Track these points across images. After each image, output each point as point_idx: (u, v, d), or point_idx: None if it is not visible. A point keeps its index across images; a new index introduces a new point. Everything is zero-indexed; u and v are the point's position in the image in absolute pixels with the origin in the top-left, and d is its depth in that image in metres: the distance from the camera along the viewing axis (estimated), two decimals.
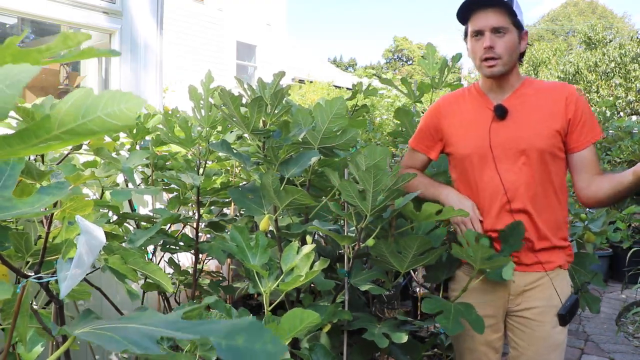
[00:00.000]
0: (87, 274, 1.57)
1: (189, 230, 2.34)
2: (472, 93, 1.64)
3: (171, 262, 2.11)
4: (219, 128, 1.86)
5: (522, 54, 1.59)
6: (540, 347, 1.55)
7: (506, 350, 1.67)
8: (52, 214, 0.97)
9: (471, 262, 1.46)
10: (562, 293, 1.56)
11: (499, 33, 1.48)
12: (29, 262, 1.07)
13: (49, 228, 0.93)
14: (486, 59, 1.50)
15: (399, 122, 2.20)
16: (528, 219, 1.53)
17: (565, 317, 1.54)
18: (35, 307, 1.55)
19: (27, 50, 0.38)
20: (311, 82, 13.57)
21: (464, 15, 1.55)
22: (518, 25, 1.51)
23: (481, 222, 1.54)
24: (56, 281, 0.73)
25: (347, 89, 14.57)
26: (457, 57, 2.19)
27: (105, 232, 1.51)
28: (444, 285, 1.73)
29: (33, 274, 0.93)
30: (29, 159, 1.68)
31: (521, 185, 1.52)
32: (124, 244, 1.62)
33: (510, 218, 1.53)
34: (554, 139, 1.51)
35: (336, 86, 15.46)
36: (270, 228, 1.59)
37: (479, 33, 1.51)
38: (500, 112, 1.53)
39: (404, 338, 1.52)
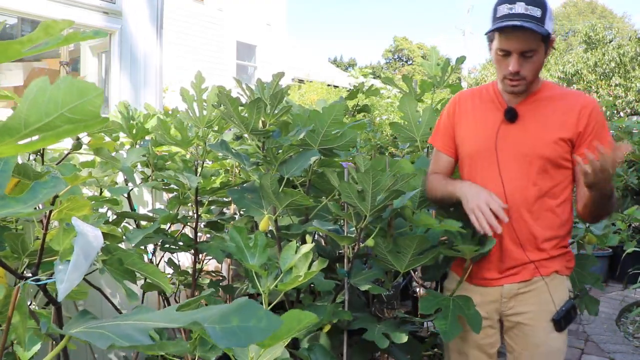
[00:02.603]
0: (87, 274, 1.57)
1: (188, 230, 2.33)
2: (489, 92, 1.60)
3: (170, 262, 2.11)
4: (216, 127, 1.86)
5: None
6: (535, 353, 1.51)
7: (503, 350, 1.66)
8: (50, 215, 0.97)
9: (461, 255, 1.48)
10: (558, 298, 1.51)
11: (527, 55, 1.41)
12: (25, 262, 1.06)
13: (46, 229, 0.93)
14: (511, 79, 1.45)
15: (402, 114, 2.10)
16: (525, 225, 1.50)
17: (560, 322, 1.50)
18: (34, 307, 1.55)
19: (8, 43, 0.37)
20: (311, 82, 13.56)
21: (492, 29, 1.45)
22: (546, 38, 1.42)
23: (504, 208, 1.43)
24: (54, 283, 0.73)
25: (348, 90, 14.55)
26: (462, 60, 2.20)
27: (104, 233, 1.51)
28: (440, 285, 1.74)
29: (30, 275, 0.93)
30: (29, 159, 1.67)
31: (521, 190, 1.49)
32: (122, 244, 1.62)
33: (508, 227, 1.49)
34: (560, 149, 1.47)
35: (336, 86, 15.44)
36: (270, 228, 1.59)
37: (506, 53, 1.43)
38: (510, 115, 1.51)
39: (404, 338, 1.52)
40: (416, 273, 2.38)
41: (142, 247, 1.80)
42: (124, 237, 1.63)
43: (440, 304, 1.49)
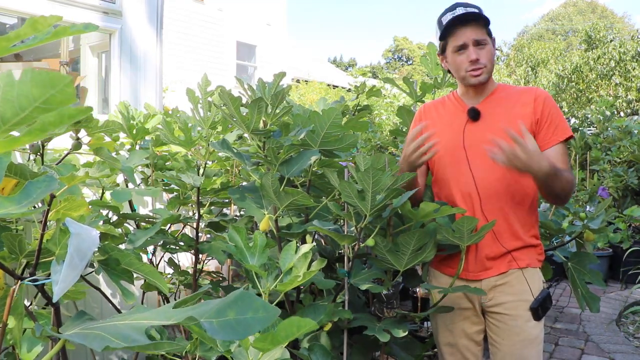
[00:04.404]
0: (87, 275, 1.57)
1: (188, 230, 2.33)
2: (451, 100, 1.74)
3: (171, 262, 2.11)
4: (219, 128, 1.86)
5: None
6: (515, 342, 1.59)
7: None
8: (47, 215, 0.97)
9: (458, 240, 1.50)
10: (534, 288, 1.61)
11: (480, 45, 1.57)
12: (24, 263, 1.06)
13: (43, 229, 0.93)
14: (473, 70, 1.58)
15: (400, 120, 2.22)
16: (501, 216, 1.58)
17: (538, 310, 1.59)
18: (35, 307, 1.55)
19: None
20: (310, 82, 13.55)
21: (444, 33, 1.62)
22: (490, 35, 1.61)
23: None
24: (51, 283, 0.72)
25: (348, 90, 14.55)
26: None
27: (104, 233, 1.51)
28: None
29: (28, 275, 0.92)
30: (29, 159, 1.67)
31: (492, 183, 1.58)
32: (123, 244, 1.61)
33: (483, 217, 1.58)
34: None
35: (336, 86, 15.44)
36: (271, 228, 1.59)
37: (462, 47, 1.58)
38: (474, 114, 1.62)
39: (404, 333, 1.53)
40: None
41: (142, 248, 1.80)
42: (125, 237, 1.63)
43: (442, 291, 1.56)
